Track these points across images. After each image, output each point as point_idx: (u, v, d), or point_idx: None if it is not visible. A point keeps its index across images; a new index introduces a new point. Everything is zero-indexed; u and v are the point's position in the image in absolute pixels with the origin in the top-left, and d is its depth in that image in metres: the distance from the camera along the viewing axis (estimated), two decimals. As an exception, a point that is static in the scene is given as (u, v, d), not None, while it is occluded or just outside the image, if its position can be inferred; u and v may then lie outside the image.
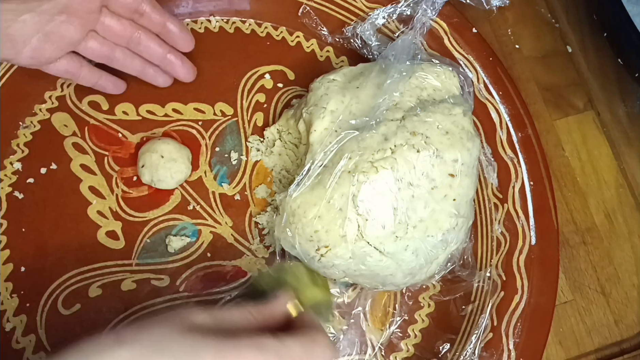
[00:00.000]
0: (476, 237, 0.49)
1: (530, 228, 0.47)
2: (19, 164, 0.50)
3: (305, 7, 0.53)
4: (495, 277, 0.47)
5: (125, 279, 0.47)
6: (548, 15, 0.59)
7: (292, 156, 0.50)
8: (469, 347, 0.45)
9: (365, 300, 0.47)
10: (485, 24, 0.57)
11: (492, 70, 0.50)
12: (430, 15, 0.49)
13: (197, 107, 0.52)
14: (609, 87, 0.57)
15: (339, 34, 0.53)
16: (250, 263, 0.49)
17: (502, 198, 0.49)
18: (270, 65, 0.54)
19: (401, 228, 0.41)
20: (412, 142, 0.41)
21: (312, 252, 0.42)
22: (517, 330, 0.45)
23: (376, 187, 0.40)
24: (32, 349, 0.46)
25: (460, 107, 0.44)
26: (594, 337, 0.50)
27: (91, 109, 0.51)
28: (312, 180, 0.41)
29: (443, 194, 0.42)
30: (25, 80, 0.50)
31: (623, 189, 0.54)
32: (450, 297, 0.48)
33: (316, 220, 0.40)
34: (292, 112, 0.49)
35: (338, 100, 0.44)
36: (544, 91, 0.57)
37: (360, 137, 0.41)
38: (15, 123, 0.50)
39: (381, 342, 0.47)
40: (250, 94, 0.53)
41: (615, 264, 0.52)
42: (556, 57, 0.58)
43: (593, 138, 0.56)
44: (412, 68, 0.45)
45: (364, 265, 0.42)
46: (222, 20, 0.55)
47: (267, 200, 0.50)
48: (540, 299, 0.46)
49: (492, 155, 0.49)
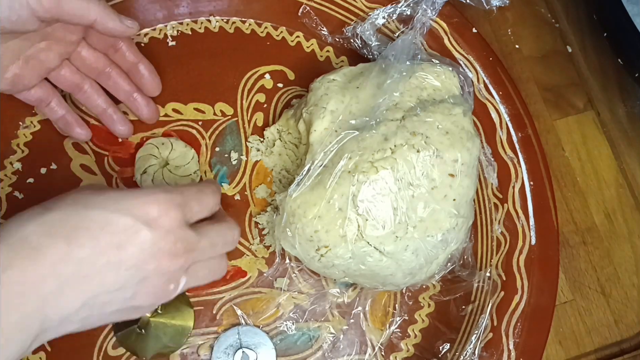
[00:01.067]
0: (476, 237, 0.49)
1: (530, 228, 0.47)
2: (19, 164, 0.50)
3: (305, 7, 0.53)
4: (495, 277, 0.47)
5: (125, 279, 0.47)
6: (548, 15, 0.59)
7: (292, 156, 0.50)
8: (469, 347, 0.45)
9: (365, 300, 0.47)
10: (485, 24, 0.57)
11: (492, 70, 0.50)
12: (430, 15, 0.49)
13: (197, 107, 0.52)
14: (609, 87, 0.57)
15: (339, 34, 0.52)
16: (250, 263, 0.49)
17: (502, 198, 0.49)
18: (270, 65, 0.54)
19: (401, 228, 0.41)
20: (412, 142, 0.41)
21: (312, 252, 0.42)
22: (517, 330, 0.45)
23: (376, 187, 0.40)
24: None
25: (460, 107, 0.44)
26: (594, 337, 0.50)
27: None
28: (312, 180, 0.41)
29: (443, 194, 0.42)
30: (25, 80, 0.50)
31: (623, 189, 0.54)
32: (450, 297, 0.48)
33: (316, 220, 0.41)
34: (292, 112, 0.49)
35: (338, 100, 0.44)
36: (544, 91, 0.57)
37: (360, 137, 0.41)
38: (15, 123, 0.50)
39: (381, 342, 0.47)
40: (250, 94, 0.53)
41: (615, 264, 0.52)
42: (556, 57, 0.58)
43: (593, 138, 0.56)
44: (412, 68, 0.45)
45: (364, 265, 0.42)
46: (222, 20, 0.55)
47: (267, 200, 0.50)
48: (540, 299, 0.46)
49: (492, 155, 0.49)
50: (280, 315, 0.48)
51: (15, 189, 0.49)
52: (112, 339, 0.46)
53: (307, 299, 0.48)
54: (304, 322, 0.48)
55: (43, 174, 0.50)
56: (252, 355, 0.46)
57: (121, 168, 0.50)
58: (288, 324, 0.47)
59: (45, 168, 0.50)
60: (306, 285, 0.48)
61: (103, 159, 0.50)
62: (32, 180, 0.49)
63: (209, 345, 0.46)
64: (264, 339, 0.47)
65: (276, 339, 0.47)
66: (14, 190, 0.49)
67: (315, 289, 0.48)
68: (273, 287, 0.48)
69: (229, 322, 0.47)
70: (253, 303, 0.48)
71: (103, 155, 0.50)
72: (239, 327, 0.47)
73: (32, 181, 0.49)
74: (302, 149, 0.48)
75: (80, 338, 0.46)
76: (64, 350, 0.46)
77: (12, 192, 0.49)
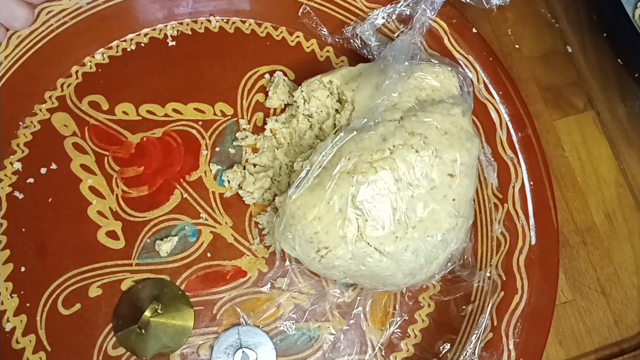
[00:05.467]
0: (476, 237, 0.49)
1: (530, 228, 0.47)
2: (19, 164, 0.50)
3: (305, 7, 0.53)
4: (495, 277, 0.47)
5: (125, 278, 0.47)
6: (548, 15, 0.59)
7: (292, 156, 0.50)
8: (469, 347, 0.45)
9: (365, 301, 0.47)
10: (485, 23, 0.57)
11: (492, 70, 0.50)
12: (430, 15, 0.49)
13: (197, 107, 0.52)
14: (609, 87, 0.57)
15: (338, 34, 0.52)
16: (250, 263, 0.49)
17: (502, 198, 0.49)
18: (270, 65, 0.54)
19: (401, 228, 0.41)
20: (410, 142, 0.41)
21: (312, 253, 0.42)
22: (517, 330, 0.45)
23: (375, 188, 0.40)
24: (32, 349, 0.46)
25: (459, 107, 0.44)
26: (594, 337, 0.50)
27: (91, 109, 0.51)
28: (311, 181, 0.41)
29: (442, 194, 0.42)
30: (25, 80, 0.50)
31: (623, 189, 0.54)
32: (450, 297, 0.48)
33: (316, 222, 0.40)
34: (291, 112, 0.49)
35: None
36: (544, 91, 0.57)
37: (359, 138, 0.41)
38: (15, 123, 0.51)
39: (381, 342, 0.47)
40: (250, 94, 0.53)
41: (615, 264, 0.52)
42: (556, 57, 0.58)
43: (593, 138, 0.56)
44: (411, 68, 0.45)
45: (364, 266, 0.42)
46: (222, 20, 0.55)
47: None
48: (540, 299, 0.46)
49: (492, 155, 0.49)
50: (280, 315, 0.48)
51: (15, 189, 0.49)
52: (112, 339, 0.46)
53: (307, 299, 0.48)
54: (304, 322, 0.48)
55: (43, 174, 0.50)
56: (252, 355, 0.46)
57: (121, 168, 0.50)
58: (288, 324, 0.47)
59: (45, 168, 0.50)
60: (306, 286, 0.48)
61: (103, 159, 0.50)
62: (32, 180, 0.49)
63: (209, 345, 0.47)
64: (264, 339, 0.47)
65: (276, 339, 0.47)
66: (14, 190, 0.49)
67: (315, 289, 0.48)
68: (273, 287, 0.48)
69: (229, 322, 0.47)
70: (253, 303, 0.48)
71: (103, 155, 0.50)
72: (239, 327, 0.47)
73: (32, 181, 0.49)
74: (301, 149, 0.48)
75: (80, 338, 0.46)
76: (64, 350, 0.46)
77: (12, 192, 0.49)
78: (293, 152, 0.50)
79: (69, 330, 0.46)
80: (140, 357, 0.46)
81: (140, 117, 0.52)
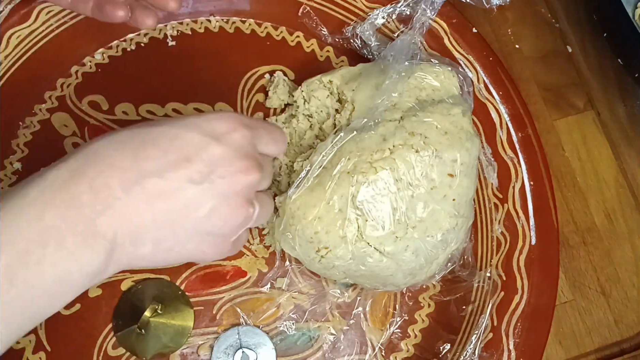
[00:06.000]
0: (476, 237, 0.49)
1: (530, 228, 0.47)
2: (19, 164, 0.50)
3: (305, 7, 0.53)
4: (495, 277, 0.47)
5: (125, 278, 0.47)
6: (548, 15, 0.59)
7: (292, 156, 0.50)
8: (469, 347, 0.45)
9: (365, 301, 0.47)
10: (485, 23, 0.57)
11: (492, 70, 0.50)
12: (430, 14, 0.49)
13: (197, 107, 0.52)
14: (609, 87, 0.57)
15: (338, 34, 0.52)
16: (250, 263, 0.49)
17: (502, 198, 0.49)
18: (270, 65, 0.54)
19: (401, 228, 0.41)
20: (410, 142, 0.41)
21: (312, 253, 0.42)
22: (517, 330, 0.45)
23: (375, 188, 0.40)
24: (32, 349, 0.46)
25: (459, 107, 0.44)
26: (594, 337, 0.50)
27: (91, 109, 0.51)
28: (311, 181, 0.41)
29: (442, 194, 0.42)
30: (25, 80, 0.50)
31: (623, 189, 0.54)
32: (450, 297, 0.48)
33: (316, 222, 0.40)
34: (291, 112, 0.49)
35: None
36: (544, 91, 0.57)
37: (359, 138, 0.41)
38: (15, 123, 0.50)
39: (381, 342, 0.47)
40: (250, 94, 0.53)
41: (615, 264, 0.52)
42: (556, 57, 0.58)
43: (593, 138, 0.56)
44: (411, 68, 0.45)
45: (364, 266, 0.42)
46: (222, 20, 0.55)
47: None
48: (540, 299, 0.46)
49: (492, 155, 0.49)
50: (280, 315, 0.48)
51: (15, 189, 0.49)
52: (112, 339, 0.46)
53: (307, 299, 0.48)
54: (304, 323, 0.47)
55: (43, 174, 0.50)
56: (252, 355, 0.46)
57: (121, 168, 0.50)
58: (288, 324, 0.47)
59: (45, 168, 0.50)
60: (306, 286, 0.48)
61: (103, 159, 0.50)
62: (32, 181, 0.49)
63: (209, 345, 0.46)
64: (264, 339, 0.47)
65: (276, 339, 0.47)
66: (14, 190, 0.49)
67: (315, 289, 0.48)
68: (273, 287, 0.48)
69: (229, 322, 0.47)
70: (253, 303, 0.48)
71: (103, 156, 0.50)
72: (239, 327, 0.47)
73: (32, 181, 0.49)
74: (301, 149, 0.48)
75: (80, 338, 0.46)
76: (64, 350, 0.46)
77: (12, 192, 0.49)
78: (293, 152, 0.50)
79: (68, 330, 0.46)
80: (140, 357, 0.46)
81: (140, 117, 0.52)
